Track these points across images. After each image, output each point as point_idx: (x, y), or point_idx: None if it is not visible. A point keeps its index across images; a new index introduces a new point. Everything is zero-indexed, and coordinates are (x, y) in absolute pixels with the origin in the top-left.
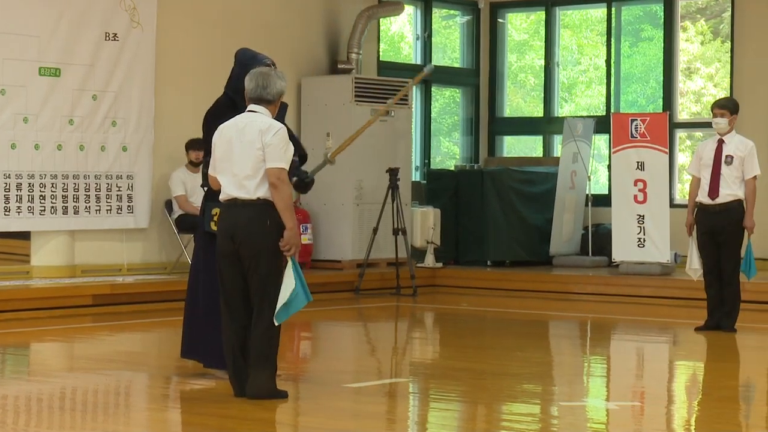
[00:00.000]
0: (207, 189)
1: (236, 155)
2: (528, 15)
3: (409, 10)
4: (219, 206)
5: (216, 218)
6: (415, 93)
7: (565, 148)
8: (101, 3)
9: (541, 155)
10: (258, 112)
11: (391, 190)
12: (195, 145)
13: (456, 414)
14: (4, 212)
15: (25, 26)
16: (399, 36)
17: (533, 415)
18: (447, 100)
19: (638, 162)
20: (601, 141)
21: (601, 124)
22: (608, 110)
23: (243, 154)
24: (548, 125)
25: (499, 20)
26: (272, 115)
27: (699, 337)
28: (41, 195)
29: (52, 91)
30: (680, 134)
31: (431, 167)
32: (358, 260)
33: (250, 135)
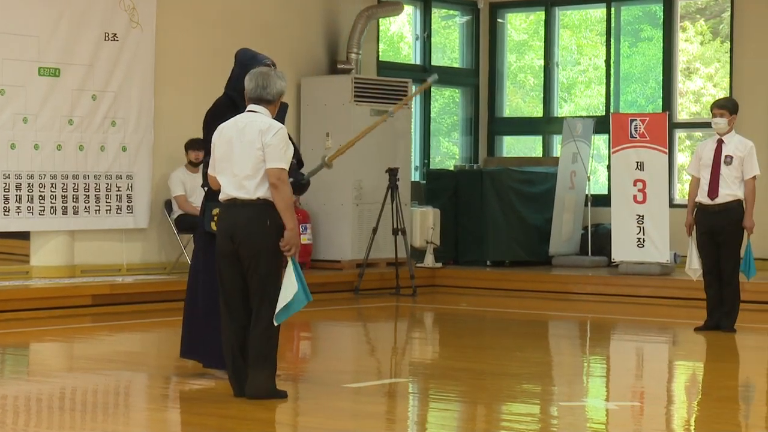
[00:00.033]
0: (207, 189)
1: (236, 155)
2: (527, 15)
3: (409, 10)
4: (219, 206)
5: (216, 218)
6: None
7: (565, 148)
8: (101, 3)
9: (541, 155)
10: (258, 112)
11: (391, 190)
12: (194, 145)
13: (455, 414)
14: (4, 212)
15: (25, 26)
16: (398, 36)
17: (533, 415)
18: (446, 100)
19: (638, 162)
20: (601, 141)
21: (601, 124)
22: (608, 110)
23: (243, 154)
24: (548, 125)
25: (499, 20)
26: (272, 115)
27: (698, 337)
28: (41, 195)
29: (52, 91)
30: (680, 134)
31: (431, 167)
32: (358, 260)
33: (250, 135)
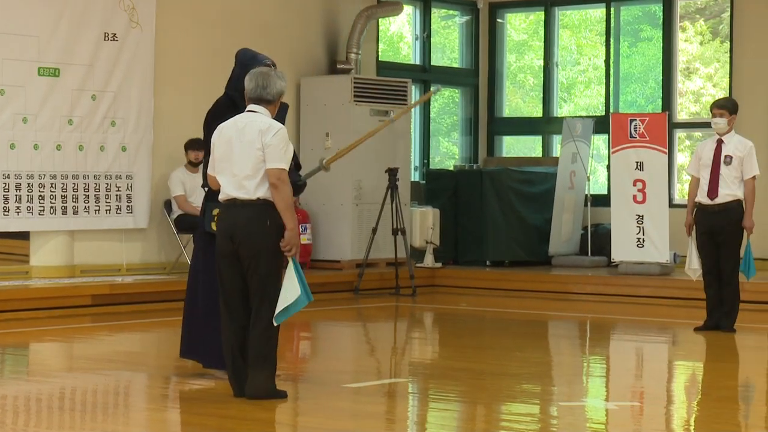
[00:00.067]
0: (208, 189)
1: (236, 155)
2: (527, 15)
3: (408, 10)
4: (219, 206)
5: (216, 218)
6: (415, 93)
7: (564, 148)
8: (100, 3)
9: (540, 155)
10: (258, 112)
11: (391, 190)
12: (194, 145)
13: (455, 414)
14: (4, 212)
15: (25, 26)
16: (398, 36)
17: (532, 415)
18: (446, 100)
19: (637, 162)
20: (600, 141)
21: (600, 124)
22: (607, 110)
23: (243, 155)
24: (547, 125)
25: (498, 20)
26: (272, 115)
27: (698, 337)
28: (40, 195)
29: (52, 91)
30: (679, 134)
31: (430, 167)
32: (358, 260)
33: (250, 135)
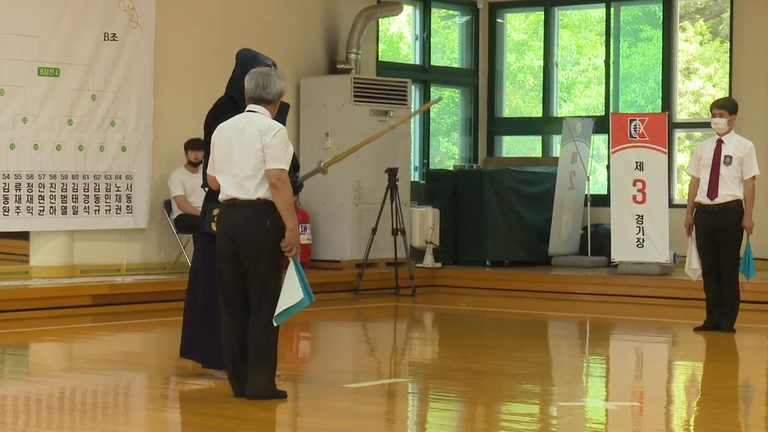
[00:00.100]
0: (208, 190)
1: (236, 155)
2: (527, 15)
3: (408, 11)
4: (219, 206)
5: (216, 219)
6: (414, 93)
7: (564, 149)
8: (100, 3)
9: (540, 155)
10: (257, 112)
11: (390, 190)
12: (194, 145)
13: (455, 414)
14: (3, 212)
15: (24, 26)
16: (398, 36)
17: (532, 416)
18: (446, 100)
19: (637, 162)
20: (600, 141)
21: (600, 124)
22: (607, 110)
23: (243, 155)
24: (547, 125)
25: (498, 20)
26: (272, 115)
27: (698, 337)
28: (40, 195)
29: (51, 91)
30: (679, 134)
31: (430, 167)
32: (357, 260)
33: (250, 135)
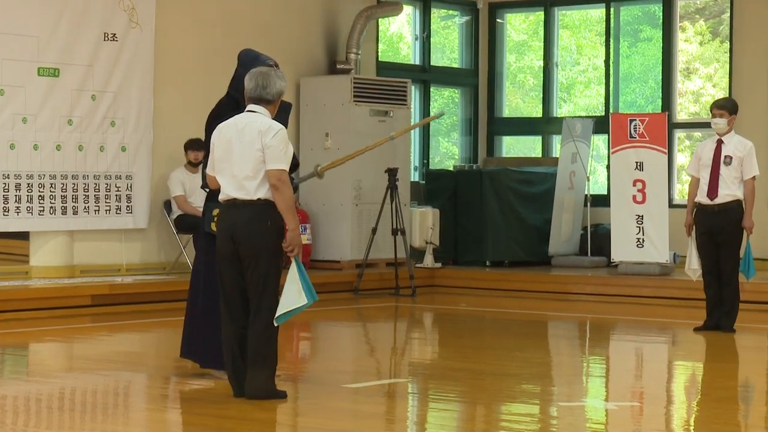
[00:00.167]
0: (209, 190)
1: (236, 156)
2: (527, 15)
3: (408, 11)
4: (219, 207)
5: (216, 219)
6: (414, 93)
7: (564, 149)
8: (100, 3)
9: (540, 155)
10: (257, 112)
11: (390, 191)
12: (194, 146)
13: (455, 414)
14: (3, 212)
15: (24, 26)
16: (398, 36)
17: (532, 416)
18: (446, 101)
19: (637, 162)
20: (600, 141)
21: (600, 125)
22: (607, 110)
23: (243, 155)
24: (547, 125)
25: (498, 20)
26: (272, 115)
27: (698, 338)
28: (40, 195)
29: (51, 92)
30: (679, 134)
31: (430, 167)
32: (357, 260)
33: (250, 136)
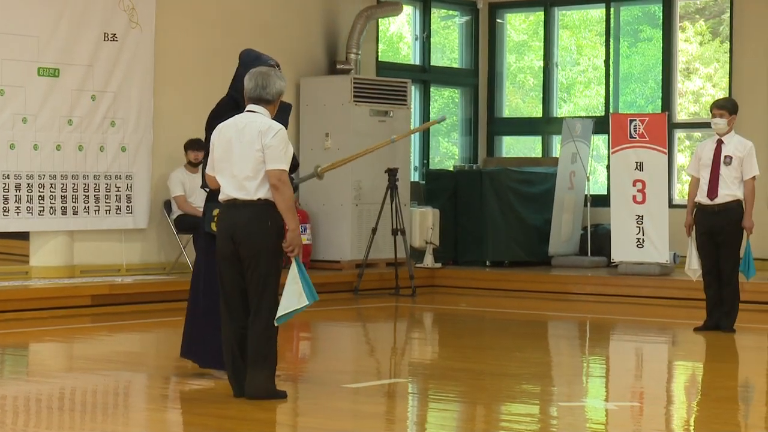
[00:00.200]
0: (209, 190)
1: (236, 156)
2: (527, 15)
3: (408, 11)
4: (219, 207)
5: (216, 219)
6: (414, 93)
7: (564, 149)
8: (100, 3)
9: (540, 155)
10: (257, 112)
11: (390, 191)
12: (194, 146)
13: (455, 414)
14: (3, 212)
15: (24, 26)
16: (398, 36)
17: (532, 416)
18: (446, 101)
19: (637, 162)
20: (600, 141)
21: (600, 125)
22: (607, 110)
23: (243, 155)
24: (547, 125)
25: (498, 20)
26: (271, 115)
27: (698, 338)
28: (40, 195)
29: (51, 92)
30: (679, 134)
31: (430, 167)
32: (357, 260)
33: (250, 136)
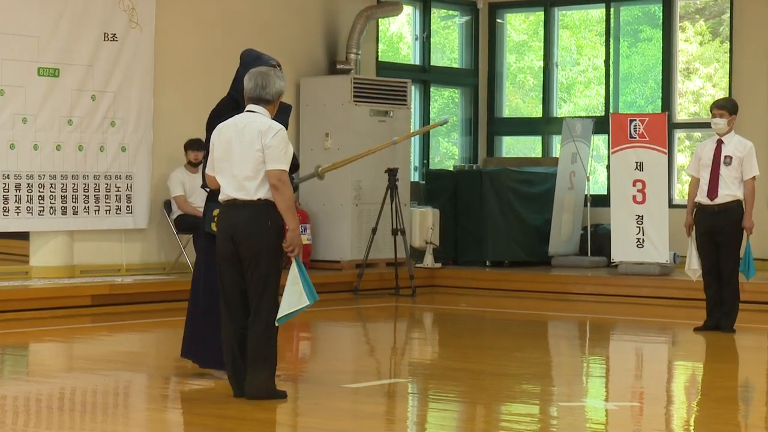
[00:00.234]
0: (210, 190)
1: (236, 156)
2: (527, 15)
3: (408, 11)
4: (219, 207)
5: (216, 219)
6: (414, 93)
7: (564, 149)
8: (100, 3)
9: (540, 155)
10: (257, 112)
11: (390, 191)
12: (194, 146)
13: (455, 414)
14: (3, 212)
15: (24, 26)
16: (398, 36)
17: (532, 416)
18: (446, 101)
19: (637, 162)
20: (600, 141)
21: (600, 125)
22: (607, 110)
23: (243, 155)
24: (547, 125)
25: (498, 20)
26: (271, 115)
27: (698, 338)
28: (40, 195)
29: (51, 92)
30: (679, 134)
31: (430, 167)
32: (357, 260)
33: (250, 136)
